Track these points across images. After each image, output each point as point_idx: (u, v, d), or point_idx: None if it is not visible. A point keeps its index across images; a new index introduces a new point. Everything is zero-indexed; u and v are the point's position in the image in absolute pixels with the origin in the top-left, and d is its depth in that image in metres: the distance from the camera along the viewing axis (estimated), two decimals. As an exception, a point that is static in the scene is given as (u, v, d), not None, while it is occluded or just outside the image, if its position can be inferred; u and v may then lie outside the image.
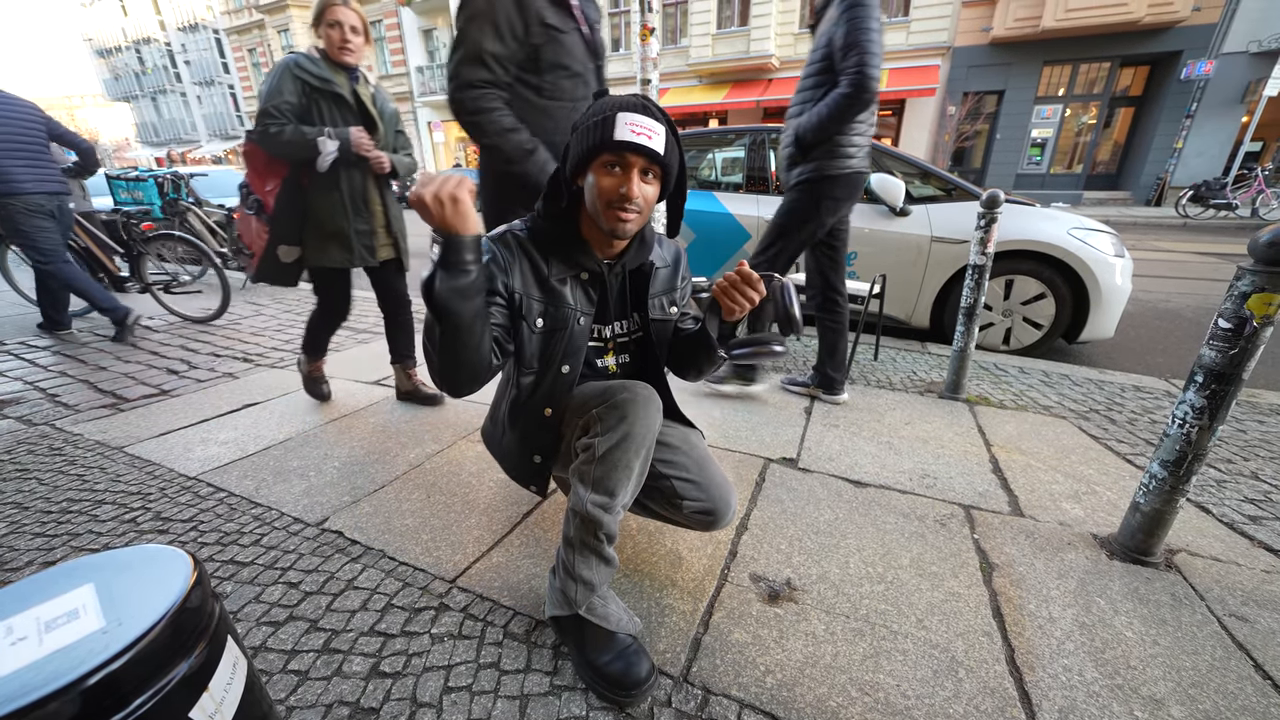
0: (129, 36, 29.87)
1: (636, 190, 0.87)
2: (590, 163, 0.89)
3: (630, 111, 0.85)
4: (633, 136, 0.84)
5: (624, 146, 0.85)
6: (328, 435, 2.00)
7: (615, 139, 0.84)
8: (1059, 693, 0.97)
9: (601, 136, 0.85)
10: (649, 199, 0.91)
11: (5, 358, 2.92)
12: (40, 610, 0.57)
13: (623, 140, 0.84)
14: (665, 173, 0.91)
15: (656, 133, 0.86)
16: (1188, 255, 6.47)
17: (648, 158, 0.86)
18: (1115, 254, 2.78)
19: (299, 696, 0.95)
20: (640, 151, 0.85)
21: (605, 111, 0.86)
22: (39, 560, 1.32)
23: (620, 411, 0.91)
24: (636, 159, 0.86)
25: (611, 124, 0.85)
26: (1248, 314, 1.06)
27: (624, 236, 0.94)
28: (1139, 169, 12.39)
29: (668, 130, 0.89)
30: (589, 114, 0.90)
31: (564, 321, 1.00)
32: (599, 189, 0.89)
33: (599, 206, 0.90)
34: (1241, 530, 1.45)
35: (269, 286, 4.80)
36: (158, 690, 0.54)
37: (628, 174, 0.87)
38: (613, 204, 0.89)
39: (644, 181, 0.89)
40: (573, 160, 0.92)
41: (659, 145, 0.86)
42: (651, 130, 0.85)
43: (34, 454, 1.88)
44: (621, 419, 0.90)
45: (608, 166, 0.88)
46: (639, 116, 0.85)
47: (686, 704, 0.94)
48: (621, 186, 0.87)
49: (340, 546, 1.36)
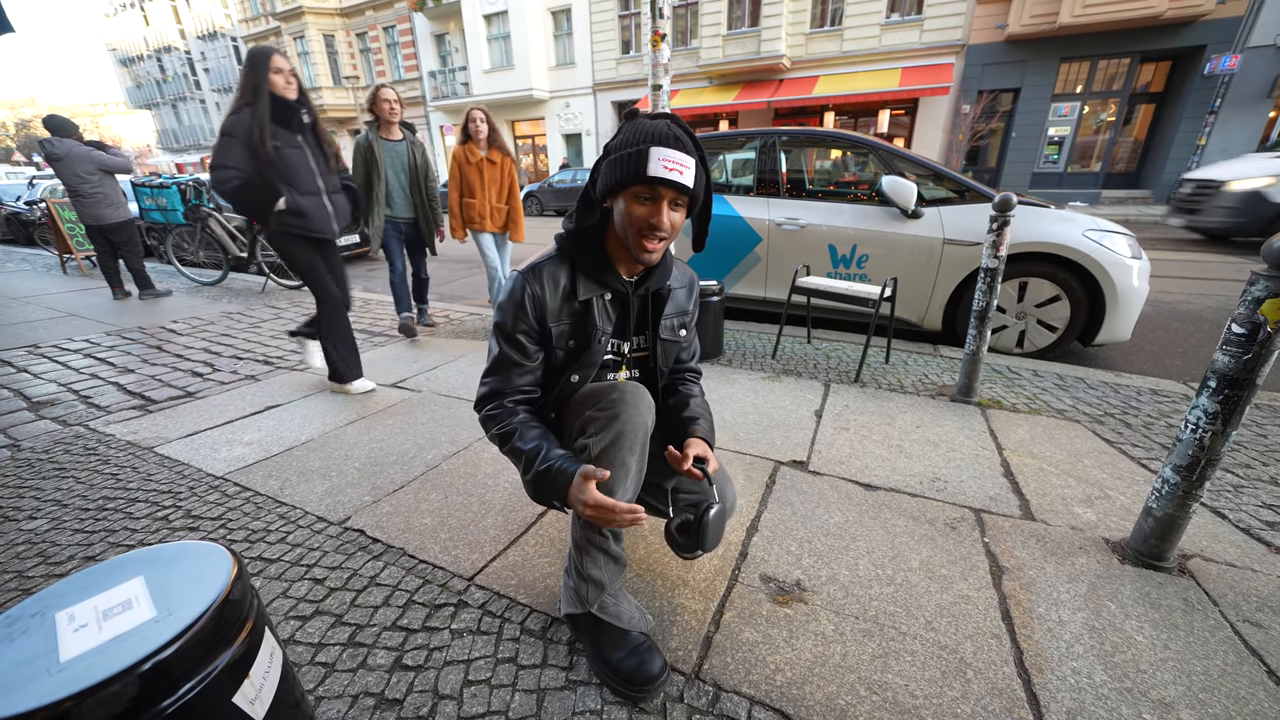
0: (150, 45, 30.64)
1: (666, 221, 0.92)
2: (622, 190, 0.94)
3: (663, 146, 0.88)
4: (665, 173, 0.88)
5: (656, 182, 0.89)
6: (348, 437, 2.06)
7: (649, 174, 0.88)
8: (1067, 695, 0.98)
9: (635, 169, 0.89)
10: (676, 225, 0.96)
11: (39, 360, 3.04)
12: (98, 600, 0.62)
13: (655, 176, 0.88)
14: (693, 200, 0.96)
15: (688, 167, 0.90)
16: (1209, 255, 6.33)
17: (677, 190, 0.91)
18: (1131, 256, 2.74)
19: (327, 687, 1.00)
20: (672, 186, 0.89)
21: (639, 144, 0.89)
22: (80, 555, 1.38)
23: (612, 411, 0.94)
24: (667, 191, 0.91)
25: (646, 158, 0.88)
26: (1261, 319, 1.06)
27: (650, 263, 0.99)
28: (1160, 167, 12.12)
29: (697, 162, 0.93)
30: (623, 142, 0.93)
31: (587, 340, 1.04)
32: (629, 216, 0.93)
33: (629, 232, 0.95)
34: (1258, 536, 1.44)
35: (288, 291, 4.93)
36: (205, 676, 0.58)
37: (658, 205, 0.92)
38: (642, 232, 0.93)
39: (672, 210, 0.94)
40: (604, 184, 0.96)
41: (689, 180, 0.90)
42: (683, 165, 0.89)
43: (70, 454, 1.96)
44: (614, 418, 0.93)
45: (639, 197, 0.92)
46: (671, 152, 0.88)
47: (698, 700, 0.97)
48: (652, 217, 0.92)
49: (362, 545, 1.41)
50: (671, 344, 1.16)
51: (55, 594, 0.63)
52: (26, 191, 10.29)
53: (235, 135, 2.04)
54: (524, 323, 1.00)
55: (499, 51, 17.60)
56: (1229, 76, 10.86)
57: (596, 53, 16.68)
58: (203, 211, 5.25)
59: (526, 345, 1.02)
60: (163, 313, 4.21)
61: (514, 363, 1.02)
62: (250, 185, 2.07)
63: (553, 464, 0.92)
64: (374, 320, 3.83)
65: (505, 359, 1.02)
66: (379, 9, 20.20)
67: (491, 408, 1.03)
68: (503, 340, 1.02)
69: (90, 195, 4.30)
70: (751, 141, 3.67)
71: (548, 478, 0.92)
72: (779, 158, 3.51)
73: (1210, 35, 10.89)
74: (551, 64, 17.60)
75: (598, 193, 0.98)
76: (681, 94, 15.10)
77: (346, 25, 21.35)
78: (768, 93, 13.88)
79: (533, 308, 1.00)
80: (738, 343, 3.18)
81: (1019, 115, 12.97)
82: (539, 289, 1.00)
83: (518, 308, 1.00)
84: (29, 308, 4.40)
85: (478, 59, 17.63)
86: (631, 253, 0.97)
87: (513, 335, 1.01)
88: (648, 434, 0.97)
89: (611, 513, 0.88)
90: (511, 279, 1.02)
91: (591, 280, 1.03)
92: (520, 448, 0.97)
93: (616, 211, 0.96)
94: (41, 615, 0.59)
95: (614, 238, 1.02)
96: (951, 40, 12.80)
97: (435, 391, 2.49)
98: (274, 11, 21.53)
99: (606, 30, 16.32)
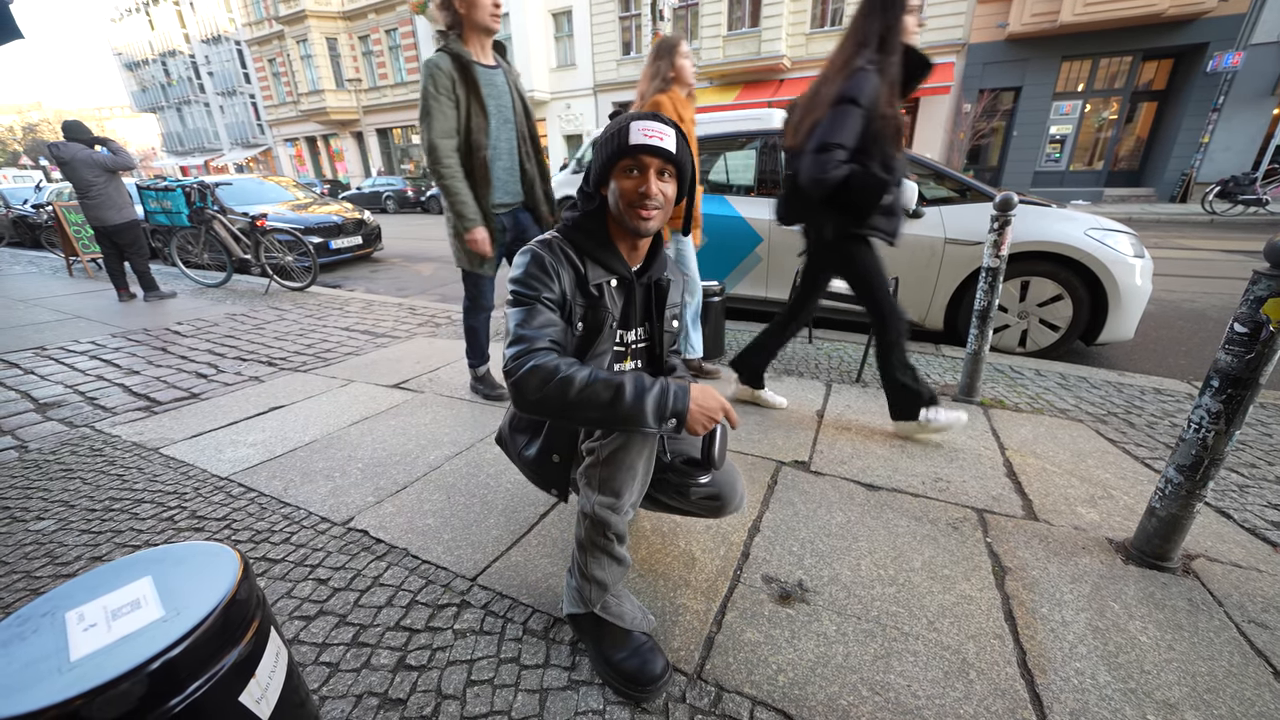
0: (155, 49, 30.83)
1: (655, 188, 0.95)
2: (611, 170, 0.98)
3: (642, 120, 0.95)
4: (646, 140, 0.93)
5: (640, 150, 0.93)
6: (351, 437, 2.07)
7: (631, 144, 0.93)
8: (1070, 695, 0.98)
9: (619, 144, 0.95)
10: (668, 196, 0.99)
11: (46, 362, 3.06)
12: (107, 600, 0.62)
13: (638, 144, 0.93)
14: (680, 171, 0.99)
15: (668, 135, 0.95)
16: (1214, 253, 6.30)
17: (663, 158, 0.95)
18: (1134, 254, 2.73)
19: (331, 687, 1.00)
20: (655, 152, 0.94)
21: (621, 124, 0.96)
22: (86, 556, 1.39)
23: None
24: (652, 160, 0.95)
25: (626, 132, 0.94)
26: (1264, 318, 1.06)
27: (648, 234, 1.01)
28: (1163, 165, 12.08)
29: (677, 134, 0.98)
30: (606, 130, 0.99)
31: (599, 324, 1.04)
32: (621, 191, 0.97)
33: (622, 207, 0.98)
34: (1263, 536, 1.43)
35: (290, 293, 4.95)
36: (212, 675, 0.59)
37: (645, 175, 0.95)
38: (634, 203, 0.97)
39: (661, 180, 0.97)
40: (596, 171, 1.00)
41: (671, 145, 0.94)
42: (662, 133, 0.94)
43: (76, 455, 1.97)
44: None
45: (627, 170, 0.96)
46: (650, 123, 0.94)
47: (700, 700, 0.97)
48: (641, 186, 0.95)
49: (366, 545, 1.42)
50: (670, 335, 1.19)
51: (65, 593, 0.64)
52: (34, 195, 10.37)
53: (861, 102, 1.50)
54: (547, 287, 0.96)
55: (500, 53, 17.65)
56: (1232, 74, 10.82)
57: (597, 54, 16.72)
58: (207, 214, 5.28)
59: (549, 306, 0.96)
60: (167, 314, 4.24)
61: (541, 317, 0.94)
62: (867, 176, 1.58)
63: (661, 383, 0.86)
64: (376, 321, 3.85)
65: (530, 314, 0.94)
66: (381, 12, 20.29)
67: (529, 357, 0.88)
68: (526, 299, 0.95)
69: (96, 198, 4.35)
70: (752, 141, 3.67)
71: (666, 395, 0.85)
72: (780, 158, 3.51)
73: (1212, 33, 10.86)
74: (553, 65, 17.65)
75: (591, 184, 1.02)
76: (683, 95, 15.10)
77: (349, 28, 21.46)
78: (768, 93, 13.89)
79: (554, 276, 0.97)
80: (739, 343, 3.18)
81: (1020, 114, 12.95)
82: (554, 260, 0.98)
83: (541, 271, 0.96)
84: (35, 310, 4.43)
85: (479, 61, 17.67)
86: (628, 227, 0.99)
87: (538, 294, 0.95)
88: (656, 439, 0.98)
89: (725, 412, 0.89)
90: (524, 253, 0.98)
91: (599, 265, 1.03)
92: (604, 378, 0.85)
93: (611, 194, 0.99)
94: (52, 615, 0.60)
95: (613, 225, 1.04)
96: (952, 39, 12.78)
97: (437, 392, 2.50)
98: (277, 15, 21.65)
99: (607, 32, 16.35)
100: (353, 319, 3.95)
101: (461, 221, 1.97)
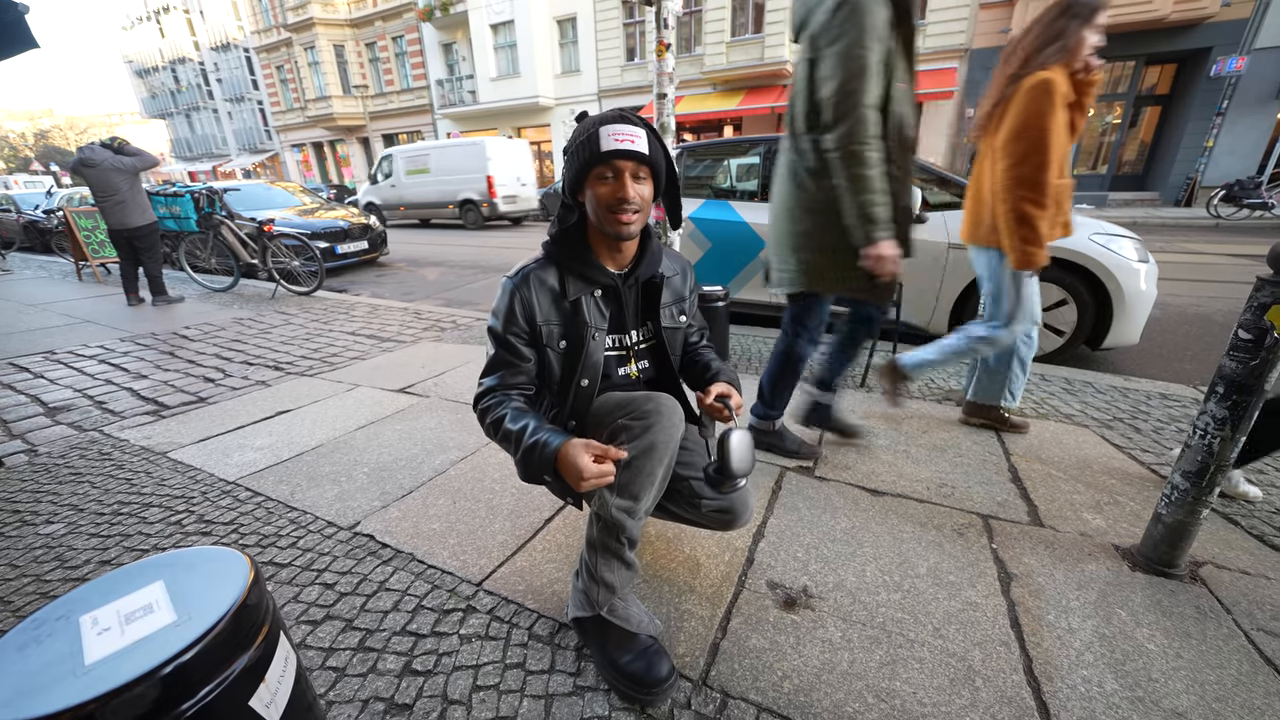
0: (165, 57, 31.22)
1: (631, 191, 0.95)
2: (586, 178, 0.98)
3: (611, 123, 0.94)
4: (617, 144, 0.92)
5: (612, 155, 0.93)
6: (357, 442, 2.08)
7: (603, 150, 0.93)
8: (1077, 703, 0.97)
9: (590, 151, 0.94)
10: (645, 198, 0.99)
11: (55, 366, 3.09)
12: (120, 604, 0.63)
13: (609, 150, 0.92)
14: (655, 171, 0.99)
15: (638, 136, 0.95)
16: (1219, 257, 6.27)
17: (636, 160, 0.95)
18: (1139, 259, 2.73)
19: (337, 691, 1.01)
20: (628, 156, 0.93)
21: (590, 130, 0.95)
22: (96, 560, 1.41)
23: (647, 421, 0.96)
24: (625, 163, 0.94)
25: (597, 139, 0.93)
26: (1268, 325, 1.06)
27: (629, 237, 1.01)
28: (1167, 169, 12.03)
29: (648, 133, 0.97)
30: (574, 137, 0.98)
31: (581, 339, 1.06)
32: (598, 198, 0.97)
33: (601, 213, 0.98)
34: (1272, 543, 1.42)
35: (296, 298, 4.99)
36: (223, 679, 0.59)
37: (621, 179, 0.95)
38: (612, 208, 0.97)
39: (637, 182, 0.97)
40: (570, 180, 1.01)
41: (643, 147, 0.94)
42: (633, 135, 0.94)
43: (85, 459, 1.99)
44: (648, 428, 0.95)
45: (602, 177, 0.96)
46: (620, 126, 0.94)
47: (705, 706, 0.97)
48: (618, 192, 0.96)
49: (372, 550, 1.42)
50: (675, 330, 1.19)
51: (79, 597, 0.64)
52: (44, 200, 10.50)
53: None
54: (515, 325, 1.04)
55: (505, 60, 17.79)
56: (1236, 78, 10.79)
57: (601, 60, 16.82)
58: (215, 219, 5.33)
59: (519, 346, 1.05)
60: (175, 319, 4.27)
61: (508, 362, 1.06)
62: None
63: (540, 437, 0.94)
64: (382, 326, 3.87)
65: (499, 359, 1.06)
66: (388, 19, 20.49)
67: (487, 399, 1.06)
68: (496, 342, 1.06)
69: (121, 202, 4.46)
70: (756, 148, 3.69)
71: (534, 451, 0.93)
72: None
73: (1216, 38, 10.83)
74: (557, 71, 17.76)
75: (567, 192, 1.03)
76: (685, 100, 15.18)
77: (356, 35, 21.67)
78: (771, 98, 13.93)
79: (522, 310, 1.03)
80: (744, 347, 3.18)
81: (1024, 119, 12.91)
82: (527, 292, 1.04)
83: (508, 311, 1.04)
84: (45, 314, 4.48)
85: (485, 67, 17.84)
86: (609, 233, 1.00)
87: (505, 337, 1.05)
88: (677, 447, 1.00)
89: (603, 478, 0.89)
90: (501, 286, 1.06)
91: (578, 279, 1.05)
92: (510, 428, 0.98)
93: (588, 202, 1.00)
94: (66, 619, 0.61)
95: (595, 232, 1.05)
96: (955, 44, 12.81)
97: (443, 397, 2.51)
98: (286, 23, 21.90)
99: (611, 38, 16.46)
100: (359, 323, 3.97)
101: (869, 228, 1.39)
